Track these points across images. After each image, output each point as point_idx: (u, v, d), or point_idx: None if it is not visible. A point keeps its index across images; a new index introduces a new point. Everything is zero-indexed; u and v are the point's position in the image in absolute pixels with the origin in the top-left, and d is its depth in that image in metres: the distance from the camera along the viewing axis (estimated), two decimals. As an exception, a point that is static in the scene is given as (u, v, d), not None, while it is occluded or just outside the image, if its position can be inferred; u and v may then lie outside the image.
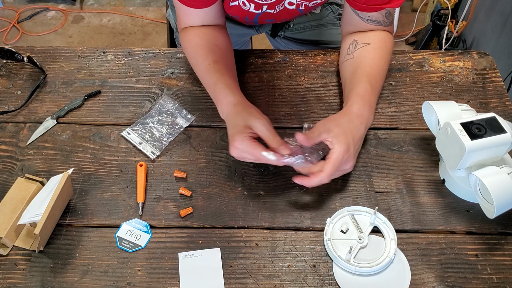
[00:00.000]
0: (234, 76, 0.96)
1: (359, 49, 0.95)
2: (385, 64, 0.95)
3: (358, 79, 0.91)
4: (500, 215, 0.79)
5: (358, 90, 0.89)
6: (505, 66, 1.80)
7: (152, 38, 2.67)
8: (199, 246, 0.83)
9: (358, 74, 0.92)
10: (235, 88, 0.91)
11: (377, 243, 0.82)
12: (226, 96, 0.89)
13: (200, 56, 0.95)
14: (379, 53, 0.95)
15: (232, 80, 0.93)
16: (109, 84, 1.05)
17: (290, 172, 0.91)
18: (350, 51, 0.97)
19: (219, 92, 0.90)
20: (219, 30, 1.00)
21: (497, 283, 0.78)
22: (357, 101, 0.87)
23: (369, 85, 0.89)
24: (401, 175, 0.91)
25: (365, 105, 0.87)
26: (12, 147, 0.95)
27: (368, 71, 0.92)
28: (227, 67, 0.95)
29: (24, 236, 0.83)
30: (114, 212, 0.87)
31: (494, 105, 1.01)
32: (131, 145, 0.95)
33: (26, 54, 1.07)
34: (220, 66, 0.93)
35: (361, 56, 0.95)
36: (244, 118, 0.84)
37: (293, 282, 0.79)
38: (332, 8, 1.19)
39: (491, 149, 0.80)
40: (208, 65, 0.93)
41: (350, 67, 0.95)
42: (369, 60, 0.94)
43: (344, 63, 0.98)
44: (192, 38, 0.98)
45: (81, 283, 0.79)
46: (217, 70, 0.93)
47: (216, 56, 0.95)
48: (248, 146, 0.81)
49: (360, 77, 0.91)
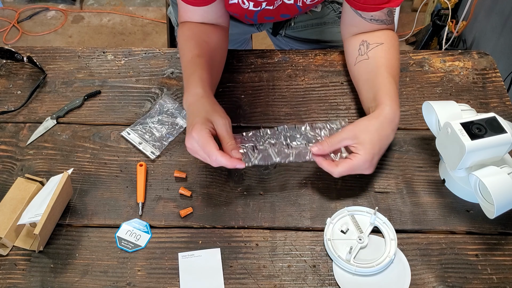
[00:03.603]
0: (213, 74, 0.94)
1: (373, 49, 0.95)
2: (398, 63, 0.95)
3: (383, 79, 0.89)
4: (500, 215, 0.79)
5: (387, 91, 0.87)
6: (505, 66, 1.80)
7: (152, 38, 2.67)
8: (199, 246, 0.83)
9: (381, 74, 0.91)
10: (207, 83, 0.89)
11: (377, 243, 0.82)
12: (196, 87, 0.87)
13: (187, 48, 0.95)
14: (393, 52, 0.94)
15: (209, 76, 0.91)
16: (109, 84, 1.05)
17: (290, 172, 0.91)
18: (363, 52, 0.96)
19: (190, 82, 0.89)
20: (216, 30, 1.00)
21: (497, 283, 0.78)
22: (389, 103, 0.85)
23: (395, 85, 0.89)
24: (401, 175, 0.91)
25: (397, 106, 0.86)
26: (12, 147, 0.95)
27: (390, 70, 0.91)
28: (209, 63, 0.94)
29: (24, 236, 0.83)
30: (114, 212, 0.87)
31: (494, 105, 1.01)
32: (131, 145, 0.95)
33: (26, 54, 1.07)
34: (202, 60, 0.92)
35: (377, 56, 0.94)
36: (208, 111, 0.83)
37: (293, 282, 0.79)
38: (333, 7, 1.19)
39: (491, 149, 0.80)
40: (191, 58, 0.93)
41: (367, 67, 0.94)
42: (387, 60, 0.93)
43: (358, 64, 0.96)
44: (185, 31, 0.98)
45: (81, 283, 0.79)
46: (197, 64, 0.91)
47: (202, 51, 0.94)
48: (204, 138, 0.79)
49: (384, 77, 0.90)
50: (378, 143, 0.83)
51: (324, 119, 0.98)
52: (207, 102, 0.86)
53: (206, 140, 0.79)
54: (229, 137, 0.82)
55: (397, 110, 0.86)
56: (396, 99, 0.87)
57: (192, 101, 0.86)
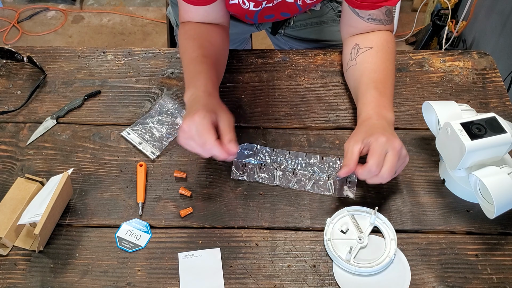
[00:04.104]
0: (218, 76, 0.95)
1: (361, 54, 0.95)
2: (390, 65, 0.94)
3: (364, 88, 0.90)
4: (500, 215, 0.79)
5: (365, 101, 0.88)
6: (505, 66, 1.80)
7: (152, 38, 2.67)
8: (199, 246, 0.83)
9: (363, 82, 0.92)
10: (215, 83, 0.90)
11: (377, 243, 0.82)
12: (205, 84, 0.87)
13: (191, 47, 0.94)
14: (382, 56, 0.94)
15: (215, 76, 0.91)
16: (109, 84, 1.05)
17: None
18: (353, 57, 0.97)
19: (198, 79, 0.88)
20: (218, 30, 1.00)
21: (497, 283, 0.78)
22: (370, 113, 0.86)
23: (376, 91, 0.89)
24: (401, 175, 0.90)
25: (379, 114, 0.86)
26: (12, 147, 0.95)
27: (373, 76, 0.91)
28: (215, 64, 0.94)
29: (24, 236, 0.83)
30: (114, 212, 0.87)
31: (494, 105, 1.01)
32: (131, 145, 0.95)
33: (26, 54, 1.07)
34: (208, 61, 0.92)
35: (364, 61, 0.94)
36: (214, 106, 0.83)
37: (293, 282, 0.79)
38: (332, 6, 1.19)
39: (491, 149, 0.80)
40: (196, 56, 0.92)
41: (354, 74, 0.95)
42: (373, 65, 0.93)
43: (348, 69, 0.98)
44: (188, 30, 0.98)
45: (81, 283, 0.79)
46: (204, 63, 0.91)
47: (207, 51, 0.94)
48: (205, 125, 0.79)
49: (366, 85, 0.91)
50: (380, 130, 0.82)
51: (324, 119, 0.98)
52: (214, 100, 0.85)
53: (207, 127, 0.79)
54: (229, 131, 0.81)
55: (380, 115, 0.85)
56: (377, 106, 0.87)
57: (200, 96, 0.85)
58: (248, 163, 0.91)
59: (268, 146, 0.93)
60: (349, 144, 0.82)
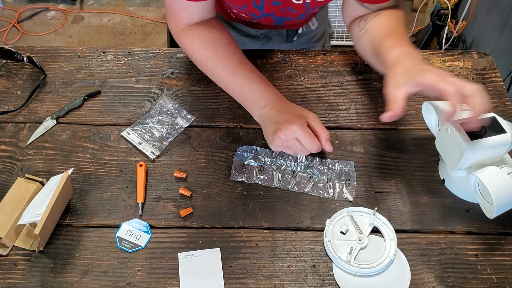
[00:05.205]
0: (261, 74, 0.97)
1: (370, 21, 0.95)
2: (402, 23, 0.93)
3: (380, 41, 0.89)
4: (500, 215, 0.79)
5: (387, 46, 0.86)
6: (505, 66, 1.80)
7: (152, 38, 2.67)
8: (199, 246, 0.83)
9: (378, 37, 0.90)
10: (271, 86, 0.94)
11: (377, 243, 0.82)
12: (271, 94, 0.92)
13: (221, 58, 0.95)
14: (392, 17, 0.94)
15: (263, 78, 0.95)
16: (109, 84, 1.05)
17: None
18: (362, 27, 0.97)
19: (259, 90, 0.92)
20: (218, 25, 0.99)
21: (497, 283, 0.78)
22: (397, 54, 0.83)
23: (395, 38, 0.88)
24: (401, 175, 0.91)
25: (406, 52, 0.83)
26: (12, 147, 0.95)
27: (388, 31, 0.91)
28: (250, 65, 0.96)
29: (24, 236, 0.83)
30: (114, 212, 0.87)
31: (494, 105, 1.01)
32: (131, 145, 0.95)
33: (26, 54, 1.07)
34: (248, 67, 0.95)
35: (374, 25, 0.94)
36: (297, 110, 0.89)
37: (293, 282, 0.79)
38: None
39: (491, 149, 0.80)
40: (235, 67, 0.94)
41: (367, 39, 0.94)
42: (384, 25, 0.92)
43: (361, 39, 0.97)
44: (197, 38, 0.97)
45: (81, 283, 0.79)
46: (246, 70, 0.94)
47: (236, 56, 0.96)
48: (307, 130, 0.85)
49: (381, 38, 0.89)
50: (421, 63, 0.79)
51: (324, 119, 0.98)
52: (289, 105, 0.91)
53: (309, 132, 0.85)
54: (324, 129, 0.87)
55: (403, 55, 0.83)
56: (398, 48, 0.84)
57: (277, 108, 0.89)
58: (247, 165, 0.91)
59: (267, 148, 0.93)
60: (389, 89, 0.77)
